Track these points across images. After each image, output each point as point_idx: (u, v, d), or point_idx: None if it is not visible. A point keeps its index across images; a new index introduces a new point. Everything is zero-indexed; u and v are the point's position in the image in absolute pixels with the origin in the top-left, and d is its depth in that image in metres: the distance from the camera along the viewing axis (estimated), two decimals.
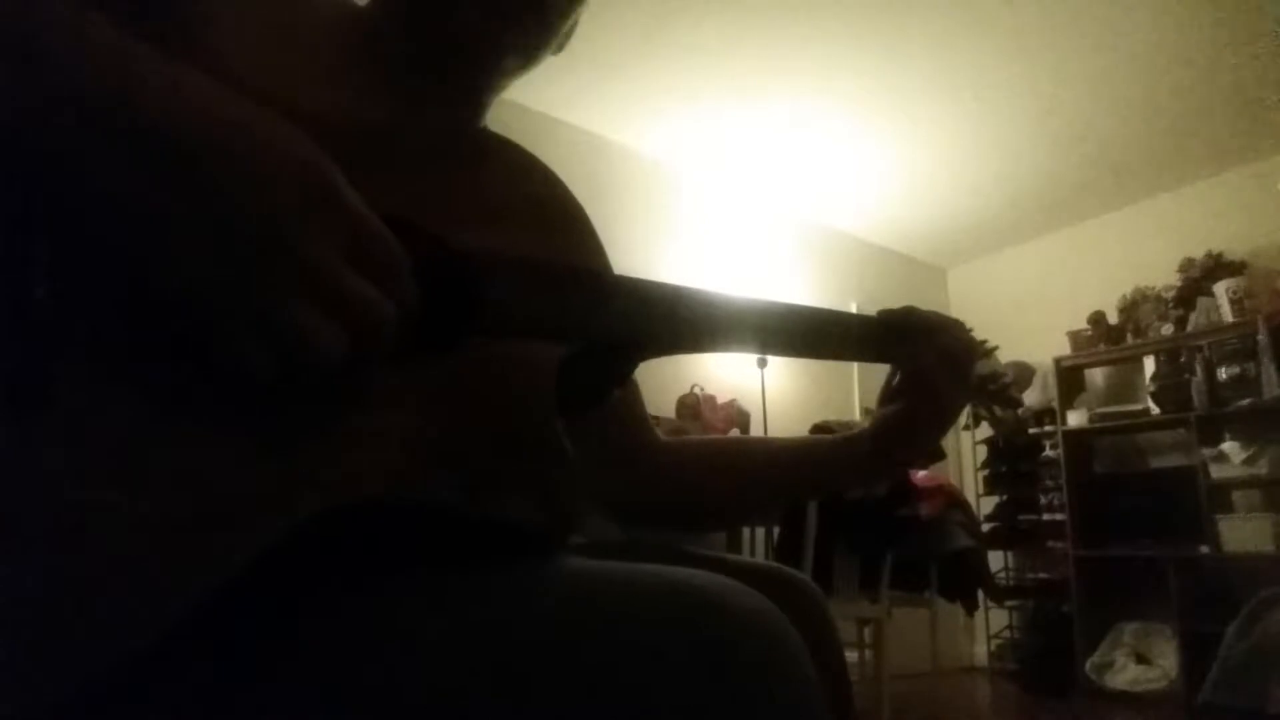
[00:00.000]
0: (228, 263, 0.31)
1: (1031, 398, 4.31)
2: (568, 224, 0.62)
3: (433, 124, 0.55)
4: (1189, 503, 3.70)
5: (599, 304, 0.48)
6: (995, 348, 0.73)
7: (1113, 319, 4.29)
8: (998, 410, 0.73)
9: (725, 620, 0.35)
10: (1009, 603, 4.39)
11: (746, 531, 3.47)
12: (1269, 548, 3.41)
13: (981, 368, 0.70)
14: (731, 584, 0.37)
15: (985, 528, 4.14)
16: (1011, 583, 4.48)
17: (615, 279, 0.51)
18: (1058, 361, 4.33)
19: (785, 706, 0.34)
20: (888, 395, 0.69)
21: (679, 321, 0.52)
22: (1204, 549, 3.61)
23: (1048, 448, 4.40)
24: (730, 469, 0.71)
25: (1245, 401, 3.59)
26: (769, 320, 0.59)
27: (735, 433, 3.44)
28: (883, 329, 0.67)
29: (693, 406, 3.37)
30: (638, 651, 0.33)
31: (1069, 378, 4.34)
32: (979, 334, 0.71)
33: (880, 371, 0.71)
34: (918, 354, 0.66)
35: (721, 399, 3.53)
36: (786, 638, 0.36)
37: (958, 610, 3.60)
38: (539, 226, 0.57)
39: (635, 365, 0.53)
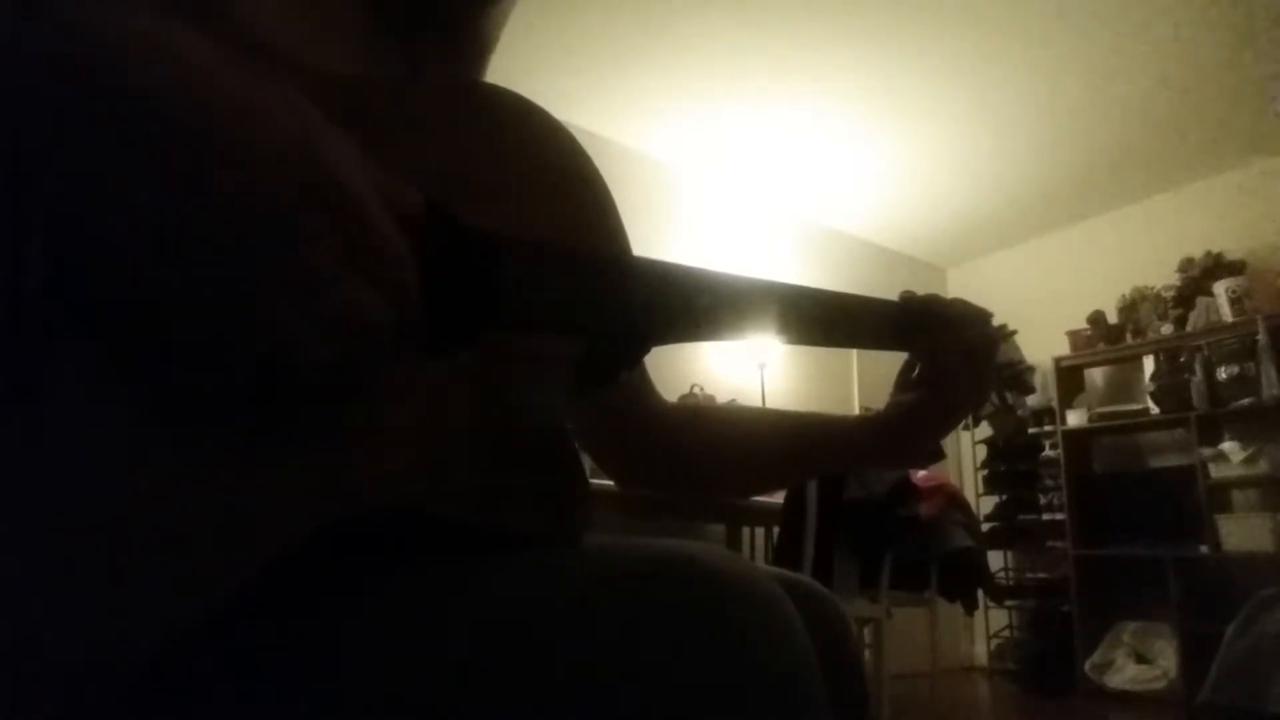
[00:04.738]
0: (212, 262, 0.29)
1: (1032, 397, 4.30)
2: (587, 195, 0.59)
3: (435, 79, 0.53)
4: (1189, 502, 3.70)
5: (617, 296, 0.47)
6: (1014, 332, 0.72)
7: (1112, 319, 4.29)
8: (1009, 397, 0.72)
9: (723, 586, 0.34)
10: (1009, 603, 4.39)
11: (746, 531, 3.48)
12: (1268, 547, 3.41)
13: (999, 354, 0.69)
14: (733, 556, 0.37)
15: (985, 528, 4.14)
16: (1011, 583, 4.48)
17: (635, 264, 0.48)
18: (1057, 361, 4.33)
19: (780, 673, 0.34)
20: (904, 384, 0.67)
21: (698, 310, 0.50)
22: (1203, 549, 3.61)
23: (1047, 447, 4.40)
24: (740, 436, 0.70)
25: (1245, 401, 3.59)
26: (789, 306, 0.56)
27: None
28: (905, 316, 0.64)
29: None
30: (629, 617, 0.33)
31: (1068, 377, 4.34)
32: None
33: (881, 370, 0.70)
34: (939, 347, 0.64)
35: (721, 399, 3.53)
36: (782, 606, 0.36)
37: (958, 610, 3.60)
38: (557, 198, 0.54)
39: (648, 351, 0.52)
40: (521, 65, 3.17)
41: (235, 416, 0.35)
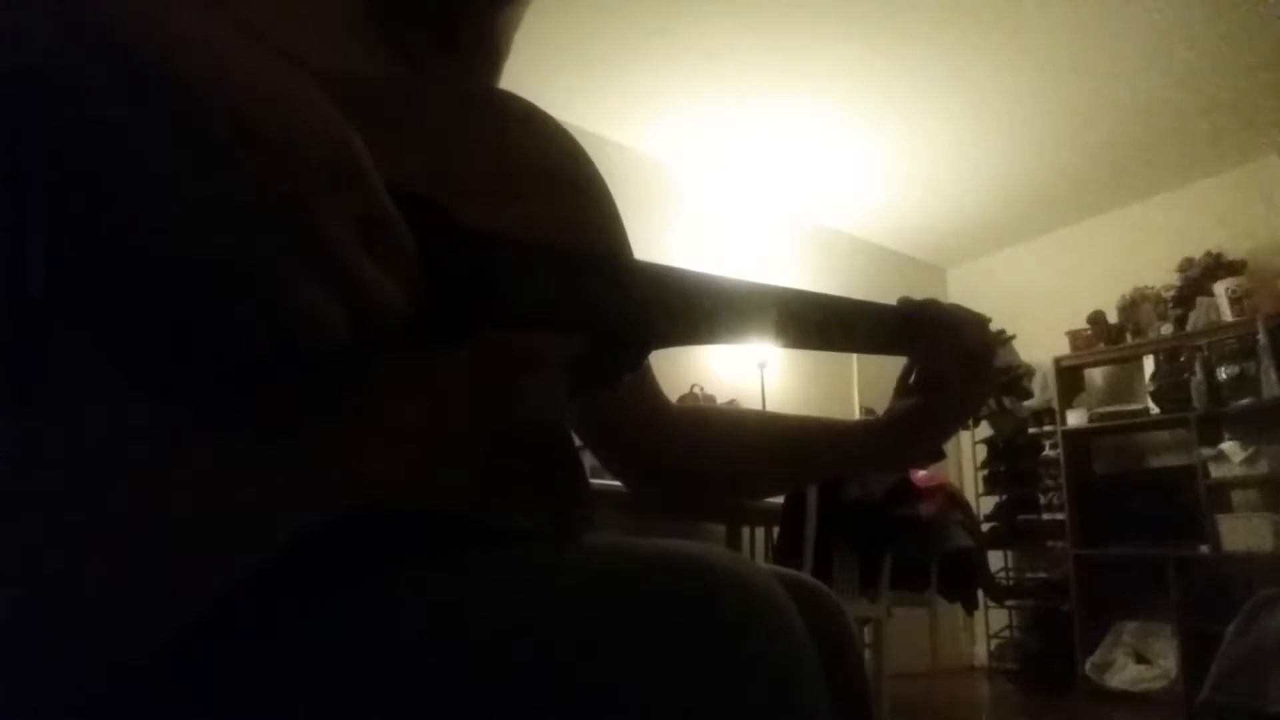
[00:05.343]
0: (245, 237, 0.30)
1: (1032, 399, 4.31)
2: (587, 197, 0.59)
3: (435, 81, 0.53)
4: (1189, 502, 3.71)
5: (616, 295, 0.47)
6: (1012, 337, 0.72)
7: (1112, 319, 4.29)
8: (1007, 401, 0.73)
9: (723, 583, 0.34)
10: (1009, 602, 4.39)
11: (746, 531, 3.48)
12: (1268, 547, 3.41)
13: (997, 359, 0.69)
14: (733, 554, 0.37)
15: (985, 527, 4.14)
16: (1011, 583, 4.48)
17: (634, 266, 0.49)
18: (1057, 361, 4.33)
19: (779, 671, 0.34)
20: (903, 389, 0.68)
21: (697, 313, 0.50)
22: (1204, 548, 3.61)
23: (1047, 447, 4.40)
24: (743, 437, 0.70)
25: (1245, 401, 3.59)
26: (788, 310, 0.57)
27: None
28: (903, 321, 0.65)
29: None
30: (629, 614, 0.33)
31: (1068, 377, 4.35)
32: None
33: (881, 371, 0.70)
34: (936, 351, 0.65)
35: (721, 399, 3.53)
36: (782, 604, 0.36)
37: (958, 610, 3.60)
38: (557, 199, 0.54)
39: (649, 353, 0.53)
40: (521, 65, 3.16)
41: (235, 415, 0.35)
